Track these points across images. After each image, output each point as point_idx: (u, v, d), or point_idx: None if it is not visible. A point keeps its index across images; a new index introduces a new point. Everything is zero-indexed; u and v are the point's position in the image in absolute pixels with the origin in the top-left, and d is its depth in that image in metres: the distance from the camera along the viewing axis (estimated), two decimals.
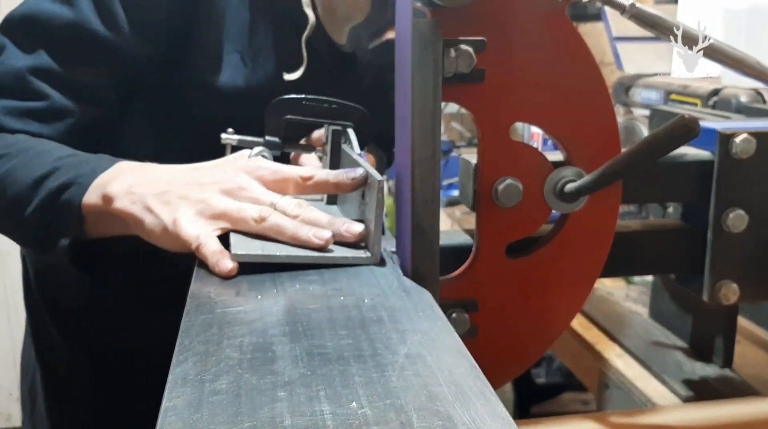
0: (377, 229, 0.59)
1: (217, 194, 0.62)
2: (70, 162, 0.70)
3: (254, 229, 0.60)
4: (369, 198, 0.61)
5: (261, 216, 0.60)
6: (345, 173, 0.63)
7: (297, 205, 0.62)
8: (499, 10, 0.59)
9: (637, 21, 0.68)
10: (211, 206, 0.61)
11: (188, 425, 0.36)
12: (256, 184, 0.63)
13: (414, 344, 0.45)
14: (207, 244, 0.58)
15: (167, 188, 0.63)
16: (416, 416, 0.37)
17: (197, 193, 0.62)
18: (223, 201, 0.61)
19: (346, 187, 0.63)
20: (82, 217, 0.68)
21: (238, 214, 0.60)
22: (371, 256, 0.59)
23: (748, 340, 0.93)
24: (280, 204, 0.62)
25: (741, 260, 0.69)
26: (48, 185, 0.68)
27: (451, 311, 0.64)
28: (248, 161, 0.66)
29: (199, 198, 0.61)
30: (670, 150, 0.60)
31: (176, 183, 0.64)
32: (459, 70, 0.58)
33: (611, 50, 1.56)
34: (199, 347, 0.45)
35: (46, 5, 0.75)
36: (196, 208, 0.61)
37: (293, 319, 0.50)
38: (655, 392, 0.81)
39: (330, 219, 0.61)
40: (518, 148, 0.63)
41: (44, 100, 0.76)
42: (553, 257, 0.66)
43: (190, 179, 0.64)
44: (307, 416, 0.37)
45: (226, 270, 0.56)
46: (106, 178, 0.67)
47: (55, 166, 0.70)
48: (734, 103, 1.04)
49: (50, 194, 0.68)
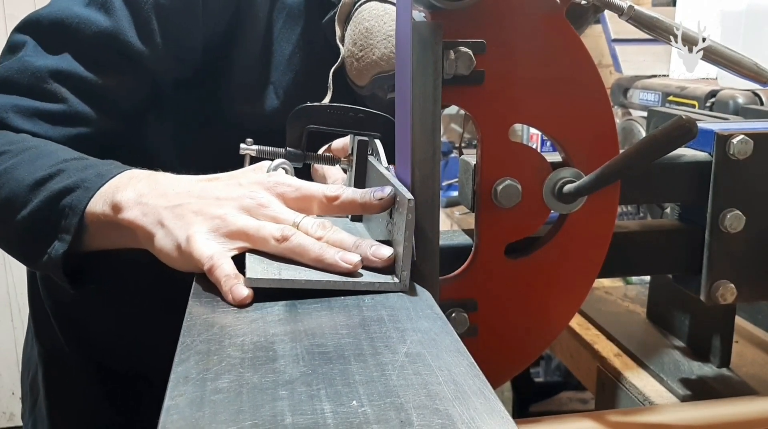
0: (407, 253, 0.54)
1: (235, 211, 0.58)
2: (77, 165, 0.67)
3: (275, 249, 0.56)
4: (398, 218, 0.56)
5: (283, 235, 0.56)
6: (372, 193, 0.59)
7: (321, 225, 0.58)
8: (498, 13, 0.59)
9: (635, 23, 0.69)
10: (228, 223, 0.57)
11: (190, 423, 0.37)
12: (277, 201, 0.59)
13: (414, 343, 0.46)
14: (221, 267, 0.54)
15: (181, 201, 0.59)
16: (416, 414, 0.37)
17: (214, 209, 0.58)
18: (242, 218, 0.57)
19: (373, 208, 0.59)
20: (84, 224, 0.63)
21: (257, 233, 0.56)
22: (399, 283, 0.55)
23: (746, 340, 0.94)
24: (302, 224, 0.57)
25: (738, 260, 0.69)
26: (50, 187, 0.64)
27: (451, 311, 0.64)
28: (269, 176, 0.62)
29: (216, 214, 0.57)
30: (668, 151, 0.60)
31: (191, 196, 0.60)
32: (458, 71, 0.59)
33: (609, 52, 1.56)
34: (201, 346, 0.45)
35: (80, 10, 0.74)
36: (211, 224, 0.57)
37: (294, 318, 0.50)
38: (653, 391, 0.81)
39: (356, 241, 0.57)
40: (517, 149, 0.64)
41: (61, 102, 0.73)
42: (551, 257, 0.66)
43: (207, 193, 0.60)
44: (308, 414, 0.37)
45: (239, 298, 0.52)
46: (115, 185, 0.63)
47: (60, 168, 0.66)
48: (731, 105, 1.04)
49: (51, 197, 0.64)
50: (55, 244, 0.64)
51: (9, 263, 2.42)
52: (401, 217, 0.55)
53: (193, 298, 0.54)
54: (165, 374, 0.42)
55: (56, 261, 0.64)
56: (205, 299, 0.54)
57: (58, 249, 0.64)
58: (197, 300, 0.54)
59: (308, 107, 0.71)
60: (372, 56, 0.79)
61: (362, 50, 0.79)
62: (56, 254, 0.64)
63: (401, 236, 0.54)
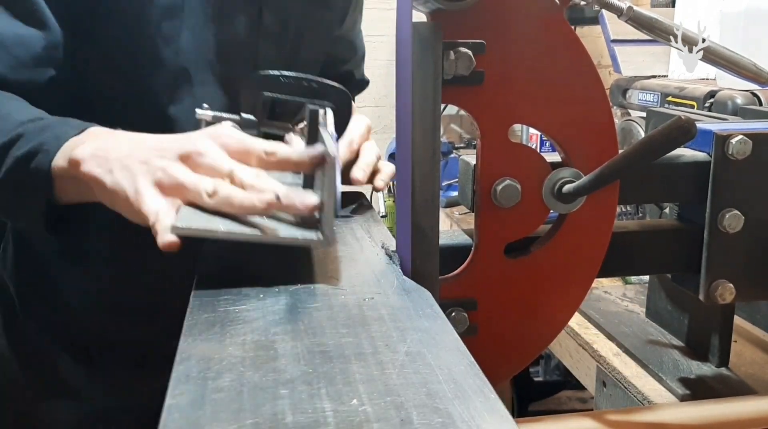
0: (329, 210, 0.55)
1: (175, 162, 0.60)
2: (34, 127, 0.69)
3: (208, 203, 0.58)
4: (324, 177, 0.57)
5: (214, 189, 0.58)
6: (306, 152, 0.60)
7: (255, 175, 0.59)
8: (498, 13, 0.60)
9: (635, 24, 0.69)
10: (170, 176, 0.59)
11: (191, 422, 0.37)
12: (217, 149, 0.60)
13: (414, 342, 0.46)
14: (162, 221, 0.56)
15: (130, 152, 0.61)
16: (416, 413, 0.38)
17: (157, 160, 0.60)
18: (181, 171, 0.59)
19: (305, 165, 0.61)
20: (50, 182, 0.66)
21: (194, 188, 0.58)
22: (322, 240, 0.55)
23: (745, 339, 0.94)
24: (238, 173, 0.59)
25: (737, 260, 0.69)
26: (13, 154, 0.67)
27: (451, 310, 0.64)
28: (215, 127, 0.63)
29: (159, 165, 0.60)
30: (667, 151, 0.60)
31: (140, 147, 0.62)
32: (458, 72, 0.59)
33: (609, 53, 1.57)
34: (202, 345, 0.46)
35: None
36: (154, 176, 0.59)
37: (295, 317, 0.50)
38: (652, 391, 0.81)
39: (286, 190, 0.58)
40: (517, 149, 0.64)
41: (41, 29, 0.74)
42: (551, 257, 0.66)
43: (152, 144, 0.62)
44: (309, 413, 0.37)
45: (164, 243, 0.54)
46: (75, 142, 0.66)
47: (19, 133, 0.68)
48: (730, 105, 1.05)
49: (17, 163, 0.67)
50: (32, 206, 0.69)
51: None
52: (324, 175, 0.56)
53: (195, 297, 0.54)
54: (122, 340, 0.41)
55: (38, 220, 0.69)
56: (207, 298, 0.54)
57: (36, 209, 0.68)
58: (198, 299, 0.54)
59: (262, 75, 0.72)
60: None
61: None
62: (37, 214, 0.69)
63: (324, 193, 0.55)
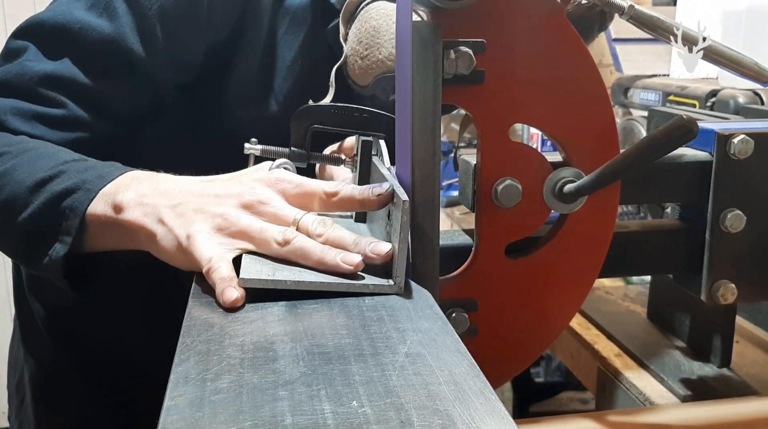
0: (402, 255, 0.54)
1: (236, 209, 0.57)
2: (77, 166, 0.66)
3: (277, 252, 0.55)
4: (394, 220, 0.56)
5: (285, 238, 0.55)
6: (370, 189, 0.58)
7: (321, 222, 0.57)
8: (499, 13, 0.59)
9: (636, 22, 0.69)
10: (231, 222, 0.57)
11: (190, 424, 0.37)
12: (277, 197, 0.58)
13: (414, 343, 0.46)
14: (218, 270, 0.53)
15: (182, 200, 0.59)
16: (416, 415, 0.37)
17: (214, 207, 0.58)
18: (244, 217, 0.57)
19: (371, 204, 0.58)
20: (85, 225, 0.63)
21: (260, 235, 0.56)
22: (394, 285, 0.54)
23: (747, 340, 0.94)
24: (303, 221, 0.57)
25: (739, 260, 0.69)
26: (50, 189, 0.64)
27: (451, 311, 0.64)
28: (269, 173, 0.61)
29: (217, 212, 0.57)
30: (669, 151, 0.60)
31: (191, 194, 0.59)
32: (459, 71, 0.58)
33: (610, 52, 1.57)
34: (201, 346, 0.45)
35: (81, 15, 0.73)
36: (213, 222, 0.57)
37: (294, 318, 0.50)
38: (654, 391, 0.81)
39: (356, 238, 0.56)
40: (517, 148, 0.64)
41: (60, 107, 0.73)
42: (552, 257, 0.66)
43: (207, 191, 0.60)
44: (308, 415, 0.37)
45: (229, 300, 0.51)
46: (117, 186, 0.63)
47: (60, 170, 0.65)
48: (732, 105, 1.04)
49: (52, 198, 0.64)
50: (56, 246, 0.64)
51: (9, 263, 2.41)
52: (396, 219, 0.54)
53: (193, 298, 0.54)
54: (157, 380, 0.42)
55: (57, 263, 0.64)
56: (205, 300, 0.53)
57: (59, 251, 0.64)
58: (197, 300, 0.54)
59: (312, 107, 0.71)
60: (378, 55, 0.79)
61: (368, 49, 0.79)
62: (57, 256, 0.64)
63: (396, 238, 0.54)
